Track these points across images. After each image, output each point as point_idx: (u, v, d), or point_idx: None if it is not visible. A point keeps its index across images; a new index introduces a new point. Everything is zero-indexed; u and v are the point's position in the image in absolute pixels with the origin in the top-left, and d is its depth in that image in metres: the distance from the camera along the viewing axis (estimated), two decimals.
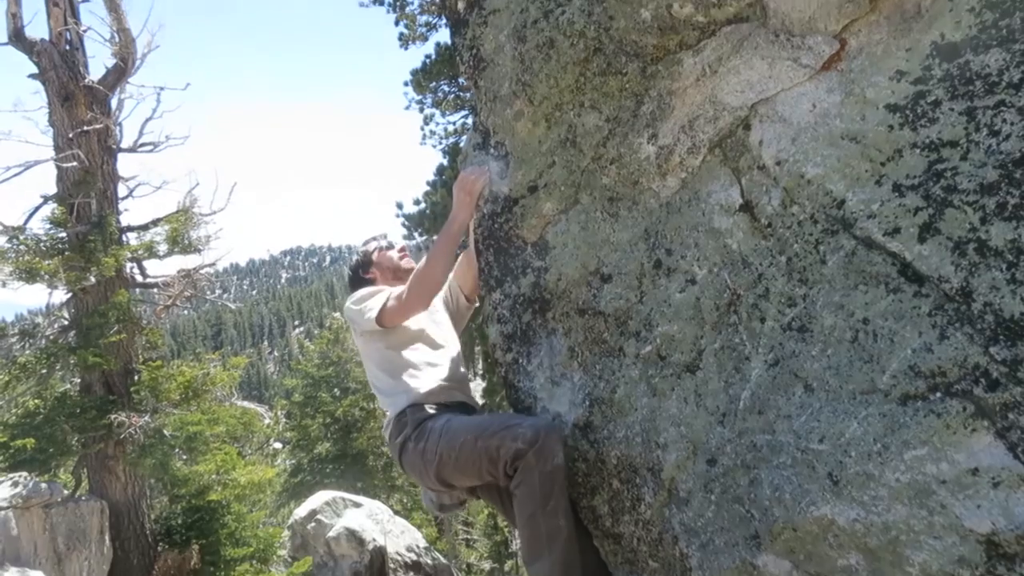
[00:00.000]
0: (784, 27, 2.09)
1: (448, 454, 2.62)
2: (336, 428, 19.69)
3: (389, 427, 2.88)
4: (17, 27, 10.76)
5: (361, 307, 2.88)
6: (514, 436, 2.46)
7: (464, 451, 2.57)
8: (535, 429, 2.45)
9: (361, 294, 2.96)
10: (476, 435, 2.56)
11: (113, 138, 11.52)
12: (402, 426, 2.79)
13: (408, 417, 2.79)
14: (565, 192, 2.55)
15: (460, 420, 2.71)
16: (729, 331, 2.14)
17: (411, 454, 2.74)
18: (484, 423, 2.63)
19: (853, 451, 1.82)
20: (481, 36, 2.75)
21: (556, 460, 2.44)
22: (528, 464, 2.44)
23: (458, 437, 2.61)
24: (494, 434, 2.51)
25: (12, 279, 10.44)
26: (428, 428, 2.71)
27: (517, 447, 2.44)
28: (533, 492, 2.44)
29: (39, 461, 10.09)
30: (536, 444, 2.43)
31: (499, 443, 2.48)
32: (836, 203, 1.96)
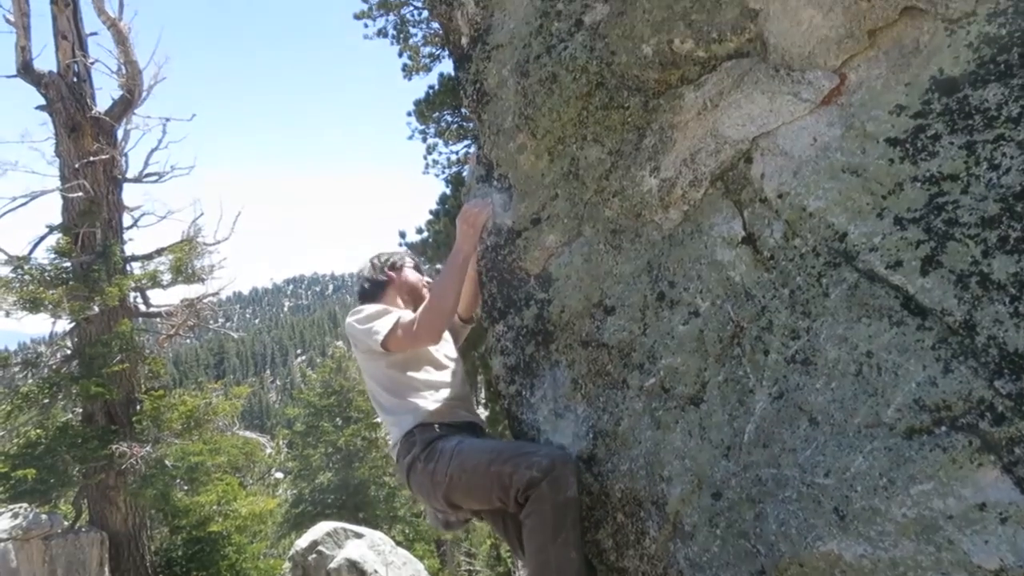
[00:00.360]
0: (784, 62, 2.12)
1: (459, 476, 2.58)
2: (338, 458, 19.60)
3: (396, 447, 2.85)
4: (26, 60, 10.91)
5: (367, 327, 2.82)
6: (528, 464, 2.42)
7: (476, 475, 2.54)
8: (551, 458, 2.42)
9: (368, 312, 2.89)
10: (489, 460, 2.52)
11: (119, 168, 11.63)
12: (410, 446, 2.75)
13: (417, 437, 2.75)
14: (568, 224, 2.56)
15: (472, 443, 2.67)
16: (733, 364, 2.14)
17: (420, 474, 2.70)
18: (498, 448, 2.60)
19: (859, 485, 1.81)
20: (484, 71, 2.79)
21: (570, 491, 2.40)
22: (541, 494, 2.40)
23: (470, 460, 2.57)
24: (508, 460, 2.48)
25: (16, 308, 10.49)
26: (439, 449, 2.67)
27: (531, 475, 2.40)
28: (545, 523, 2.40)
29: (40, 492, 10.06)
30: (551, 474, 2.39)
31: (512, 470, 2.44)
32: (838, 236, 1.97)
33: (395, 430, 2.86)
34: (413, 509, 19.35)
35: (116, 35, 11.32)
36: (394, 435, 2.88)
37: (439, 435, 2.73)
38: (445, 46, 3.23)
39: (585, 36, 2.46)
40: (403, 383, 2.85)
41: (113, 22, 11.23)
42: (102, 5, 11.16)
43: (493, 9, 2.78)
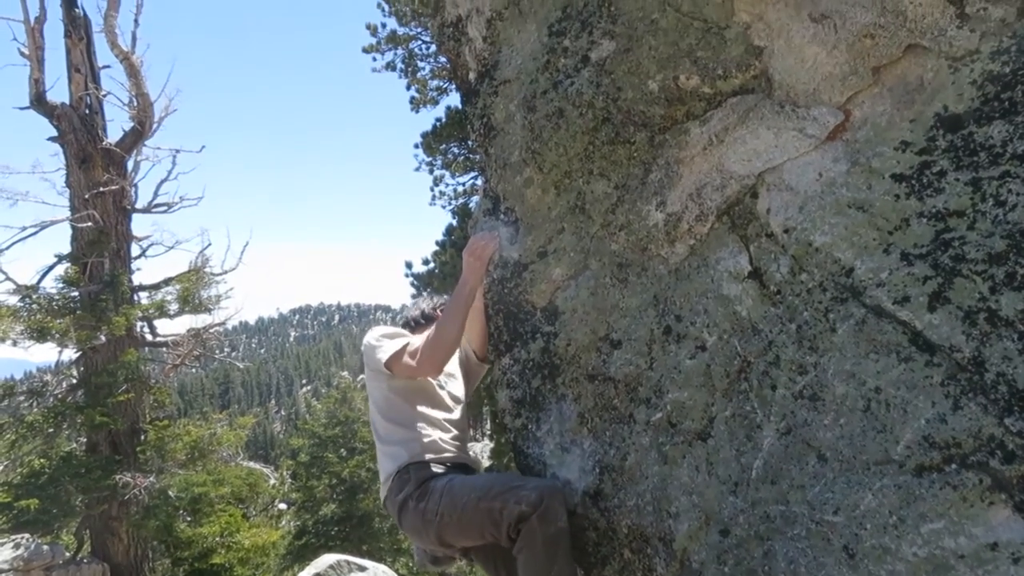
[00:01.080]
0: (789, 98, 2.14)
1: (450, 514, 2.57)
2: (342, 489, 19.47)
3: (388, 483, 2.80)
4: (39, 92, 11.07)
5: (378, 344, 2.82)
6: (518, 499, 2.42)
7: (467, 512, 2.53)
8: (539, 491, 2.42)
9: (384, 331, 2.90)
10: (479, 496, 2.52)
11: (128, 199, 11.74)
12: (403, 483, 2.73)
13: (411, 475, 2.73)
14: (574, 258, 2.57)
15: (463, 480, 2.66)
16: (740, 398, 2.13)
17: (411, 513, 2.68)
18: (487, 483, 2.58)
19: (869, 523, 1.79)
20: (492, 105, 2.81)
21: (560, 523, 2.40)
22: (531, 528, 2.40)
23: (460, 498, 2.56)
24: (497, 495, 2.47)
25: (23, 337, 10.52)
26: (431, 488, 2.66)
27: (521, 510, 2.40)
28: (537, 557, 2.40)
29: (42, 522, 10.01)
30: (540, 507, 2.39)
31: (502, 505, 2.45)
32: (845, 271, 1.97)
33: (387, 462, 2.81)
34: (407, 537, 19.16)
35: (128, 68, 11.49)
36: (386, 468, 2.82)
37: (433, 474, 2.71)
38: (452, 80, 3.27)
39: (591, 72, 2.48)
40: (402, 412, 2.82)
41: (126, 55, 11.40)
42: (115, 39, 11.35)
43: (500, 45, 2.82)
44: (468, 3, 2.88)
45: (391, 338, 2.84)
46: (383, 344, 2.81)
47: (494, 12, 2.79)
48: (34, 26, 11.08)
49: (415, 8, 14.55)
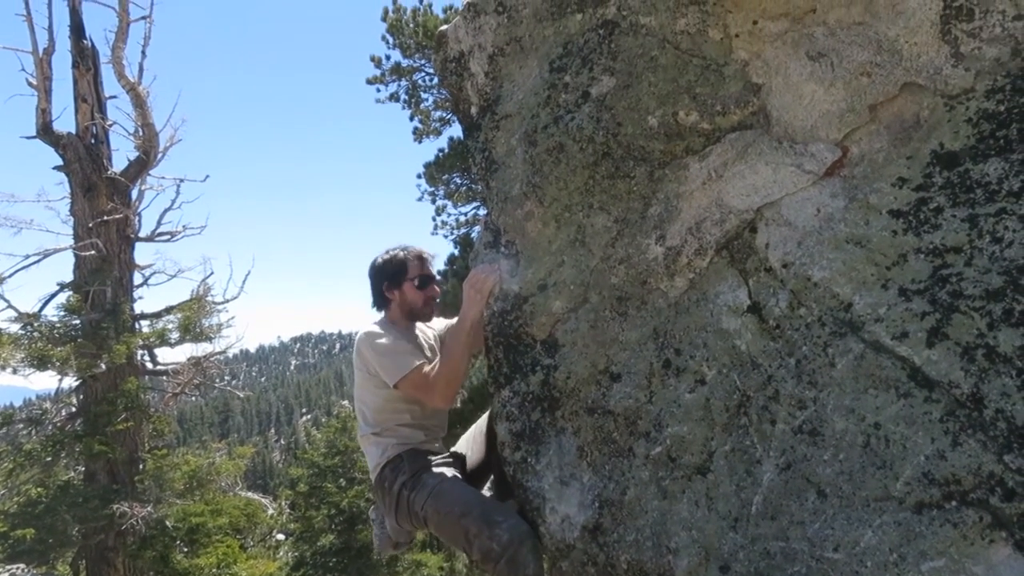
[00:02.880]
0: (787, 134, 2.16)
1: (433, 515, 2.75)
2: (341, 520, 19.25)
3: (380, 469, 2.94)
4: (46, 121, 11.18)
5: (383, 361, 2.86)
6: (490, 534, 2.54)
7: (447, 520, 2.70)
8: (511, 535, 2.51)
9: (385, 345, 2.90)
10: (460, 512, 2.66)
11: (132, 228, 11.80)
12: (397, 471, 2.89)
13: (406, 463, 2.89)
14: (574, 291, 2.58)
15: (451, 487, 2.78)
16: (740, 433, 2.13)
17: (404, 503, 2.85)
18: (470, 503, 2.69)
19: (869, 561, 1.78)
20: (493, 139, 2.84)
21: (528, 570, 2.48)
22: (500, 572, 2.50)
23: (444, 506, 2.72)
24: (475, 520, 2.60)
25: (23, 365, 10.51)
26: (423, 481, 2.82)
27: (490, 547, 2.52)
28: None
29: (38, 552, 9.91)
30: (507, 552, 2.49)
31: (477, 531, 2.57)
32: (843, 306, 1.97)
33: (375, 450, 2.96)
34: (416, 574, 18.95)
35: (135, 99, 11.62)
36: (375, 454, 2.97)
37: (425, 465, 2.89)
38: (455, 113, 3.29)
39: (592, 108, 2.51)
40: (397, 411, 2.98)
41: (132, 86, 11.53)
42: (123, 70, 11.48)
43: (502, 80, 2.85)
44: (471, 39, 2.92)
45: (394, 354, 2.88)
46: (389, 360, 2.86)
47: (496, 48, 2.83)
48: (42, 57, 11.23)
49: (419, 41, 14.73)
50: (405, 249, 3.18)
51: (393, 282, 3.14)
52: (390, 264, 3.14)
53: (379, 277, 3.15)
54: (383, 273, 3.15)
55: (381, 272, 3.15)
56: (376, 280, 3.17)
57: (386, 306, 3.17)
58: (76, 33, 11.60)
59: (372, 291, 3.19)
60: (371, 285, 3.19)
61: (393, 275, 3.13)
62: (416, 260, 3.15)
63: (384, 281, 3.14)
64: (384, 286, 3.14)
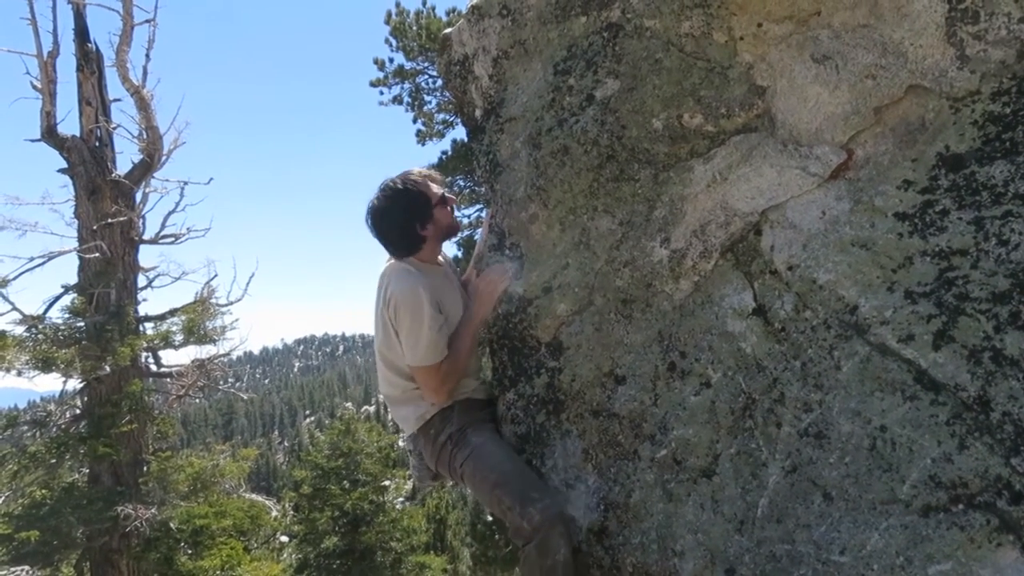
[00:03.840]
0: (792, 137, 2.16)
1: (471, 476, 2.69)
2: (344, 522, 19.26)
3: (430, 417, 2.79)
4: (51, 124, 11.20)
5: (412, 340, 2.66)
6: (523, 512, 2.45)
7: (483, 485, 2.63)
8: (543, 516, 2.42)
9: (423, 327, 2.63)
10: (495, 481, 2.58)
11: (136, 230, 11.81)
12: (446, 421, 2.78)
13: (455, 415, 2.78)
14: (579, 294, 2.58)
15: (492, 451, 2.69)
16: (745, 436, 2.12)
17: (446, 456, 2.78)
18: (507, 474, 2.60)
19: (875, 564, 1.78)
20: (497, 142, 2.84)
21: (558, 556, 2.40)
22: (529, 555, 2.44)
23: (481, 470, 2.65)
24: (510, 492, 2.52)
25: (28, 367, 10.51)
26: (467, 438, 2.73)
27: (521, 525, 2.44)
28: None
29: (42, 554, 9.91)
30: (538, 535, 2.41)
31: (510, 505, 2.49)
32: (849, 309, 1.97)
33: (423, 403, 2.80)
34: None
35: (139, 102, 11.63)
36: (421, 404, 2.81)
37: (472, 420, 2.79)
38: (459, 116, 3.26)
39: (596, 110, 2.51)
40: None
41: (136, 89, 11.55)
42: (127, 73, 11.50)
43: (507, 83, 2.86)
44: (475, 42, 2.92)
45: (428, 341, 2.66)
46: (421, 346, 2.66)
47: (500, 51, 2.83)
48: (47, 60, 11.24)
49: (422, 43, 14.75)
50: (405, 179, 2.78)
51: (426, 215, 2.76)
52: (414, 198, 2.75)
53: (408, 217, 2.75)
54: (413, 211, 2.75)
55: (409, 211, 2.75)
56: (404, 222, 2.75)
57: (418, 246, 2.80)
58: (80, 36, 11.62)
59: (395, 238, 2.79)
60: (394, 231, 2.78)
61: (422, 208, 2.75)
62: (426, 180, 2.79)
63: (416, 221, 2.75)
64: (418, 226, 2.76)
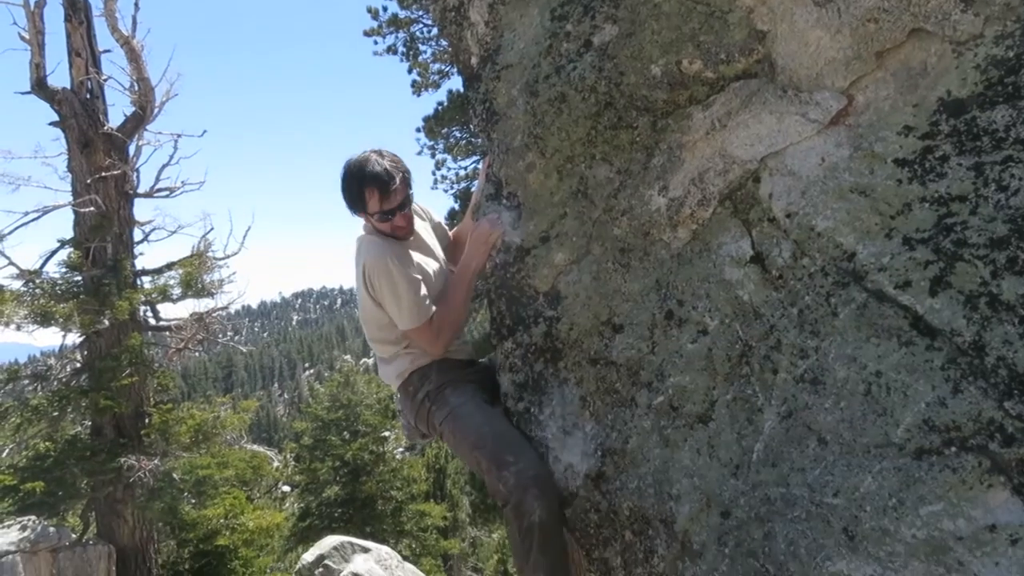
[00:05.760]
0: (792, 83, 2.14)
1: (449, 436, 2.81)
2: (345, 472, 19.54)
3: (409, 375, 2.91)
4: (40, 76, 11.03)
5: (398, 305, 2.71)
6: (498, 475, 2.55)
7: (461, 446, 2.76)
8: (516, 481, 2.50)
9: (402, 290, 2.69)
10: (473, 443, 2.69)
11: (130, 184, 11.72)
12: (424, 379, 2.88)
13: (433, 373, 2.87)
14: (577, 243, 2.58)
15: (469, 412, 2.76)
16: (741, 382, 2.14)
17: (424, 411, 2.88)
18: (484, 436, 2.68)
19: (868, 506, 1.81)
20: (494, 90, 2.81)
21: (532, 517, 2.48)
22: (507, 516, 2.55)
23: (459, 431, 2.75)
24: (487, 454, 2.62)
25: (27, 322, 10.55)
26: (445, 397, 2.82)
27: (497, 487, 2.56)
28: (515, 542, 2.56)
29: (48, 504, 10.08)
30: (512, 499, 2.50)
31: (487, 468, 2.60)
32: (846, 256, 1.97)
33: (404, 361, 2.90)
34: (420, 524, 19.28)
35: (129, 52, 11.44)
36: (402, 364, 2.91)
37: (451, 380, 2.86)
38: (454, 64, 3.22)
39: (594, 57, 2.48)
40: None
41: (126, 40, 11.35)
42: (116, 23, 11.29)
43: (503, 29, 2.81)
44: None
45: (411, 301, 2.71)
46: (406, 308, 2.71)
47: None
48: (34, 10, 11.02)
49: None
50: (364, 174, 2.74)
51: (355, 208, 2.85)
52: (348, 193, 2.82)
53: (344, 197, 2.84)
54: (345, 196, 2.83)
55: (344, 194, 2.83)
56: (349, 203, 2.85)
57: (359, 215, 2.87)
58: None
59: (354, 196, 2.81)
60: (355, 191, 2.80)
61: (353, 202, 2.83)
62: (375, 191, 2.74)
63: (347, 204, 2.86)
64: (349, 208, 2.86)
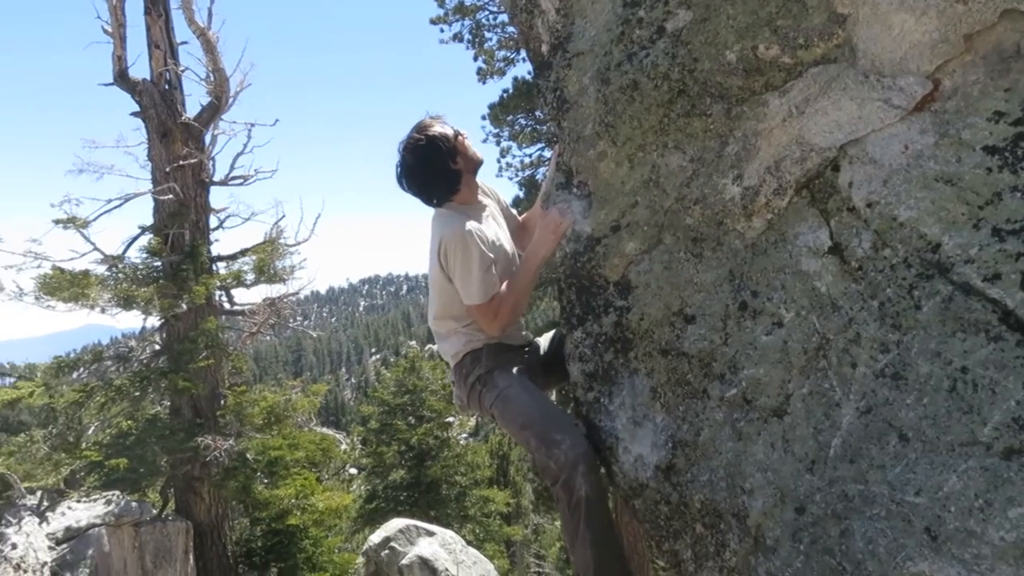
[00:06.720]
0: (874, 68, 2.06)
1: (499, 418, 2.91)
2: (410, 456, 19.88)
3: (462, 356, 3.00)
4: (122, 68, 11.43)
5: (467, 279, 2.78)
6: (548, 454, 2.63)
7: (511, 426, 2.86)
8: (565, 458, 2.58)
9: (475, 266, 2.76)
10: (523, 423, 2.78)
11: (206, 172, 12.07)
12: (475, 362, 2.97)
13: (484, 357, 2.95)
14: (648, 232, 2.55)
15: (517, 395, 2.84)
16: (818, 376, 2.10)
17: (475, 395, 2.97)
18: (532, 416, 2.77)
19: (952, 506, 1.75)
20: (565, 78, 2.80)
21: (580, 492, 2.54)
22: (557, 495, 2.63)
23: (509, 412, 2.85)
24: (536, 434, 2.70)
25: (111, 305, 10.98)
26: (494, 380, 2.90)
27: (547, 464, 2.64)
28: (565, 521, 2.63)
29: (130, 481, 10.51)
30: (561, 477, 2.58)
31: (536, 447, 2.70)
32: (931, 247, 1.91)
33: (459, 339, 2.99)
34: (483, 509, 19.49)
35: (205, 44, 11.77)
36: (457, 343, 3.01)
37: (500, 363, 2.94)
38: (522, 50, 3.22)
39: (667, 43, 2.44)
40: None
41: (202, 31, 11.67)
42: (192, 15, 11.62)
43: (574, 17, 2.79)
44: None
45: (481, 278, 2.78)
46: (474, 283, 2.78)
47: None
48: (116, 4, 11.42)
49: None
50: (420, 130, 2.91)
51: (453, 150, 2.91)
52: (439, 140, 2.88)
53: (441, 158, 2.88)
54: (442, 152, 2.87)
55: (440, 153, 2.87)
56: (438, 164, 2.88)
57: (456, 185, 2.94)
58: None
59: (432, 185, 2.94)
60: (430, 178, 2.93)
61: (448, 144, 2.90)
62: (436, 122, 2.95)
63: (448, 159, 2.89)
64: (450, 162, 2.89)
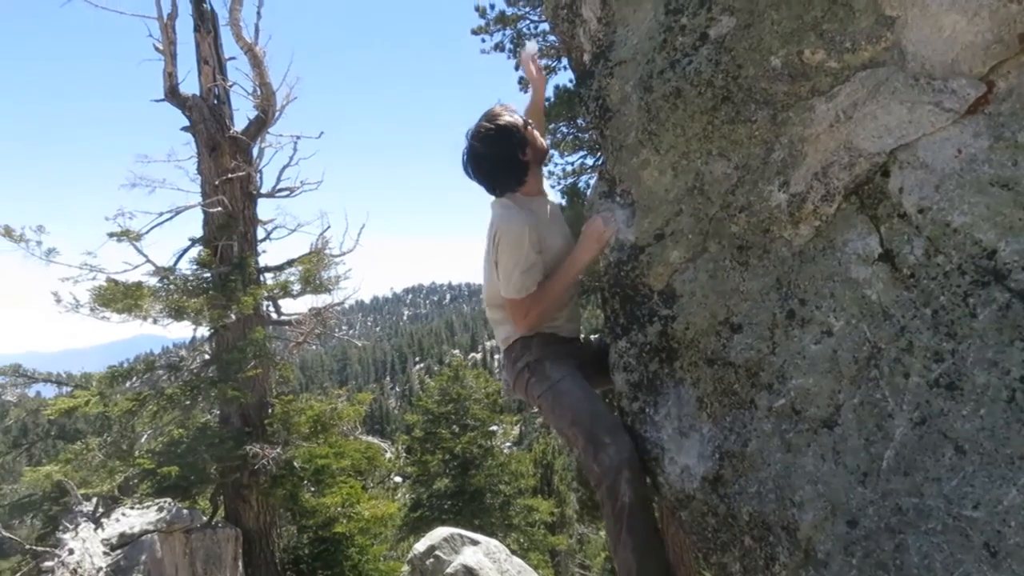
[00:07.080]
0: (924, 70, 2.02)
1: (546, 410, 2.88)
2: (455, 464, 19.93)
3: (513, 341, 2.99)
4: (173, 84, 11.72)
5: (509, 272, 2.78)
6: (594, 456, 2.62)
7: (558, 421, 2.82)
8: (611, 463, 2.57)
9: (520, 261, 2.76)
10: (571, 419, 2.74)
11: (254, 184, 12.29)
12: (526, 349, 2.95)
13: (535, 345, 2.94)
14: (692, 240, 2.53)
15: (568, 389, 2.82)
16: (870, 386, 2.05)
17: (523, 381, 2.95)
18: (581, 414, 2.74)
19: (1012, 520, 1.70)
20: (607, 87, 2.79)
21: (624, 498, 2.54)
22: (601, 499, 2.61)
23: (557, 407, 2.81)
24: (584, 433, 2.68)
25: (162, 316, 11.22)
26: (544, 371, 2.88)
27: (591, 467, 2.63)
28: (608, 526, 2.62)
29: (181, 488, 10.70)
30: (605, 480, 2.57)
31: (583, 447, 2.67)
32: (986, 253, 1.85)
33: (511, 325, 2.98)
34: (528, 519, 19.43)
35: (252, 59, 12.00)
36: (509, 328, 3.00)
37: (551, 353, 2.92)
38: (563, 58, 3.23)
39: (710, 50, 2.42)
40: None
41: (250, 47, 11.91)
42: (240, 31, 11.86)
43: (616, 25, 2.79)
44: None
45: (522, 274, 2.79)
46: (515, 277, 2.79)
47: None
48: (167, 22, 11.71)
49: None
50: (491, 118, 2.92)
51: (524, 140, 2.93)
52: (510, 130, 2.90)
53: (512, 148, 2.89)
54: (513, 142, 2.89)
55: (511, 142, 2.89)
56: (509, 154, 2.90)
57: (523, 177, 2.95)
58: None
59: (501, 174, 2.95)
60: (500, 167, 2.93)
61: (519, 134, 2.92)
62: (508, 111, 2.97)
63: (518, 149, 2.90)
64: (519, 153, 2.91)
